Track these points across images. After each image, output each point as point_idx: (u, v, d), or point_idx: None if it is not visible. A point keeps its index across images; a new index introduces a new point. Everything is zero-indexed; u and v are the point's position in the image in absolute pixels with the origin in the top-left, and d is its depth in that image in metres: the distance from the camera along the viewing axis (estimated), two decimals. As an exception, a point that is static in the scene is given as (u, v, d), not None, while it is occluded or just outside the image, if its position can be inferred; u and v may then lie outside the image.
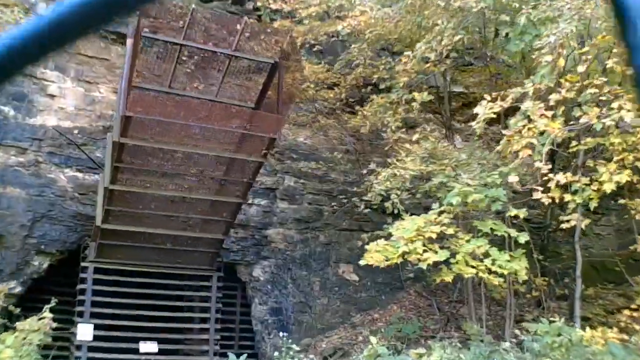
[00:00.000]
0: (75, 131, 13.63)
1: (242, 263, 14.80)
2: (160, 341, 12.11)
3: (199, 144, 10.18)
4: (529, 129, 8.12)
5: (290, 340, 10.55)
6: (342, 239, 15.48)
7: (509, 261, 8.68)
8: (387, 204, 10.05)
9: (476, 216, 9.78)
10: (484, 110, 8.50)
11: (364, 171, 11.62)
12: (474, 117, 8.94)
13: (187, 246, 12.31)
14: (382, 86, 11.50)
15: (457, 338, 11.46)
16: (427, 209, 9.82)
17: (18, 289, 12.26)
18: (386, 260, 8.67)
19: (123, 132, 9.44)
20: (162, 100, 9.61)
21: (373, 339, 9.60)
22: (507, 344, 8.98)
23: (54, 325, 10.51)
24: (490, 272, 8.61)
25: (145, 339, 11.90)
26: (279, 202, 15.26)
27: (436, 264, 9.08)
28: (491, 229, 8.76)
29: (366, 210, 12.58)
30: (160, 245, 12.06)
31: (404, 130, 10.99)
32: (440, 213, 8.75)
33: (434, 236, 8.54)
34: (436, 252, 8.49)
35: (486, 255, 8.74)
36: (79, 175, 13.43)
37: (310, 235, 15.32)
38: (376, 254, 8.58)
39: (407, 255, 8.41)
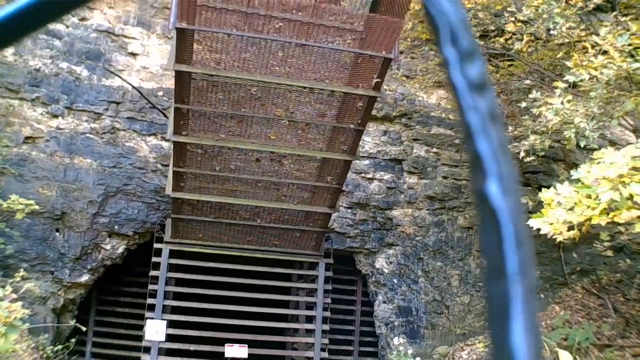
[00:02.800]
0: (160, 93, 11.73)
1: (362, 251, 12.40)
2: (252, 344, 9.43)
3: (288, 72, 7.38)
4: None
5: (410, 350, 7.49)
6: (488, 221, 12.38)
7: None
8: (568, 134, 6.47)
9: None
10: None
11: (523, 104, 8.13)
12: None
13: (284, 223, 9.52)
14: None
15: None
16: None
17: (85, 278, 10.15)
18: (570, 229, 5.16)
19: (180, 56, 6.85)
20: (235, 15, 6.94)
21: (566, 355, 5.97)
22: None
23: None
24: None
25: (231, 341, 9.27)
26: (406, 176, 12.64)
27: None
28: None
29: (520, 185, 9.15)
30: (249, 222, 9.37)
31: (582, 28, 7.32)
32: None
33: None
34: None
35: None
36: (164, 144, 11.40)
37: (447, 217, 12.64)
38: (559, 210, 4.98)
39: (614, 212, 4.81)
